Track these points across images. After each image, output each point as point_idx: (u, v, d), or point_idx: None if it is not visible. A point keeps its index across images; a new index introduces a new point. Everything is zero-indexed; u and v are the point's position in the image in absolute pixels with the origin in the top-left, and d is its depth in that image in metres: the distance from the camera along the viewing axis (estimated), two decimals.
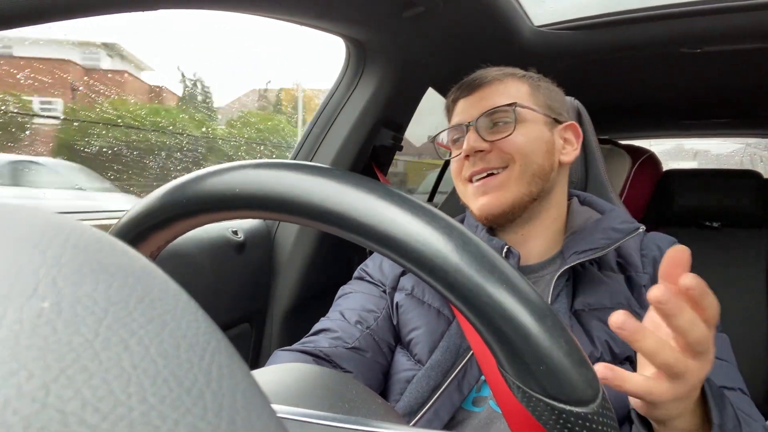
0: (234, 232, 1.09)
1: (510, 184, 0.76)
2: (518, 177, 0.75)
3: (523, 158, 0.76)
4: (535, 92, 0.80)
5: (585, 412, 0.26)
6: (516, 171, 0.75)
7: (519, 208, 0.77)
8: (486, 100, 0.79)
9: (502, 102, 0.77)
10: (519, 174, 0.75)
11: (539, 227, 0.80)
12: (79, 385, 0.11)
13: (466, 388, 0.71)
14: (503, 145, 0.76)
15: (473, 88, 0.81)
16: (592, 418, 0.26)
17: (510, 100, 0.77)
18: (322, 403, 0.37)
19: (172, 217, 0.34)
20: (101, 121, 2.09)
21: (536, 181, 0.77)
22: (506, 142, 0.75)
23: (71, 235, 0.15)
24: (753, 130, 2.19)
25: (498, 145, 0.76)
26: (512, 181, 0.76)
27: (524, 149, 0.76)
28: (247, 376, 0.14)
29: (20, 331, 0.11)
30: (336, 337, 0.75)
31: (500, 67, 0.83)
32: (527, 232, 0.80)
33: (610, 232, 0.74)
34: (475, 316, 0.26)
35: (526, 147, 0.76)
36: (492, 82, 0.80)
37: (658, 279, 0.74)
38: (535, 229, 0.80)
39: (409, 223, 0.26)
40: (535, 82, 0.82)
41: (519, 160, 0.75)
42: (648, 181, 1.76)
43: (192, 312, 0.14)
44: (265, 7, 0.81)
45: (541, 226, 0.80)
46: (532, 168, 0.76)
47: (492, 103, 0.78)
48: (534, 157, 0.76)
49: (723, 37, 1.18)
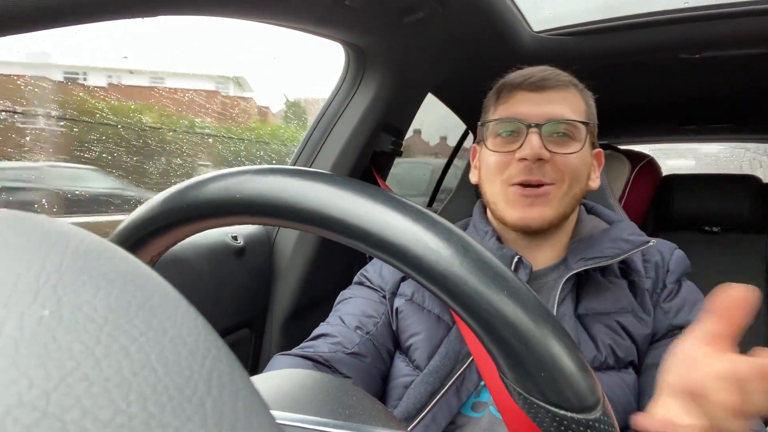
0: (233, 237, 1.08)
1: (554, 203, 0.74)
2: (562, 197, 0.74)
3: (572, 179, 0.74)
4: (588, 112, 0.78)
5: (586, 419, 0.26)
6: (563, 190, 0.74)
7: (553, 226, 0.76)
8: (553, 104, 0.74)
9: (567, 113, 0.74)
10: (564, 194, 0.74)
11: (553, 239, 0.80)
12: (79, 394, 0.11)
13: (465, 394, 0.71)
14: (562, 161, 0.73)
15: (540, 86, 0.75)
16: (593, 425, 0.26)
17: (573, 114, 0.75)
18: (323, 409, 0.37)
19: (171, 223, 0.34)
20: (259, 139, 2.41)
21: (573, 204, 0.76)
22: (566, 158, 0.73)
23: (71, 242, 0.15)
24: (752, 135, 2.19)
25: (556, 158, 0.73)
26: (557, 200, 0.74)
27: (577, 171, 0.74)
28: (247, 383, 0.14)
29: (20, 339, 0.11)
30: (336, 342, 0.75)
31: (563, 72, 0.79)
32: (540, 244, 0.79)
33: (620, 243, 0.75)
34: (475, 323, 0.26)
35: (579, 169, 0.74)
36: (558, 87, 0.76)
37: (659, 283, 0.75)
38: (548, 241, 0.80)
39: (409, 229, 0.26)
40: (589, 100, 0.79)
41: (568, 181, 0.74)
42: (647, 185, 1.75)
43: (192, 319, 0.14)
44: (265, 13, 0.81)
45: (554, 239, 0.80)
46: (575, 191, 0.75)
47: (560, 111, 0.74)
48: (581, 179, 0.75)
49: (722, 43, 1.19)
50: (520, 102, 0.76)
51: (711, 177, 1.81)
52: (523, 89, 0.76)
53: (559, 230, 0.79)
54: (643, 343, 0.72)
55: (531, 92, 0.75)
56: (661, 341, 0.73)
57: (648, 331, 0.72)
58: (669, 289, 0.75)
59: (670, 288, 0.75)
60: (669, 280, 0.76)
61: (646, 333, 0.72)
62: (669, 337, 0.72)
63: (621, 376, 0.70)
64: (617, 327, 0.71)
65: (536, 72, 0.77)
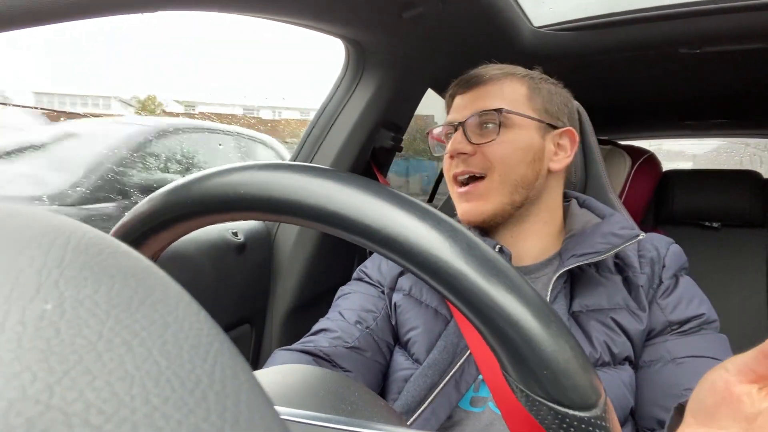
0: (234, 233, 1.08)
1: (490, 194, 0.75)
2: (498, 187, 0.75)
3: (502, 167, 0.75)
4: (533, 95, 0.79)
5: (588, 416, 0.26)
6: (495, 181, 0.75)
7: (501, 216, 0.77)
8: (480, 99, 0.78)
9: (495, 104, 0.76)
10: (498, 184, 0.75)
11: (529, 230, 0.80)
12: (82, 387, 0.11)
13: (464, 387, 0.71)
14: (485, 151, 0.75)
15: (470, 85, 0.80)
16: (595, 423, 0.26)
17: (503, 103, 0.76)
18: (324, 404, 0.37)
19: (173, 218, 0.34)
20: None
21: (519, 191, 0.76)
22: (488, 147, 0.75)
23: (72, 237, 0.15)
24: (753, 130, 2.19)
25: (481, 149, 0.75)
26: (492, 192, 0.75)
27: (505, 159, 0.75)
28: (250, 377, 0.14)
29: (23, 333, 0.11)
30: (336, 336, 0.76)
31: (502, 65, 0.82)
32: (517, 234, 0.80)
33: (610, 237, 0.74)
34: (479, 320, 0.26)
35: (508, 156, 0.75)
36: (489, 81, 0.79)
37: (655, 279, 0.74)
38: (524, 232, 0.80)
39: (412, 225, 0.26)
40: (535, 84, 0.80)
41: (498, 169, 0.75)
42: (648, 181, 1.75)
43: (194, 313, 0.14)
44: (264, 8, 0.81)
45: (531, 229, 0.80)
46: (512, 178, 0.75)
47: (485, 104, 0.77)
48: (516, 167, 0.75)
49: (723, 38, 1.18)
50: (455, 106, 0.81)
51: (711, 172, 1.81)
52: (457, 94, 0.82)
53: (529, 219, 0.79)
54: (638, 338, 0.72)
55: (462, 94, 0.81)
56: (658, 337, 0.72)
57: (642, 327, 0.72)
58: (665, 285, 0.75)
59: (667, 284, 0.75)
60: (665, 275, 0.76)
61: (641, 329, 0.71)
62: (666, 333, 0.72)
63: (617, 373, 0.70)
64: (612, 323, 0.71)
65: (472, 72, 0.81)
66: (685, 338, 0.71)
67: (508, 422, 0.63)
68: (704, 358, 0.68)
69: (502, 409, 0.63)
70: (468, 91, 0.80)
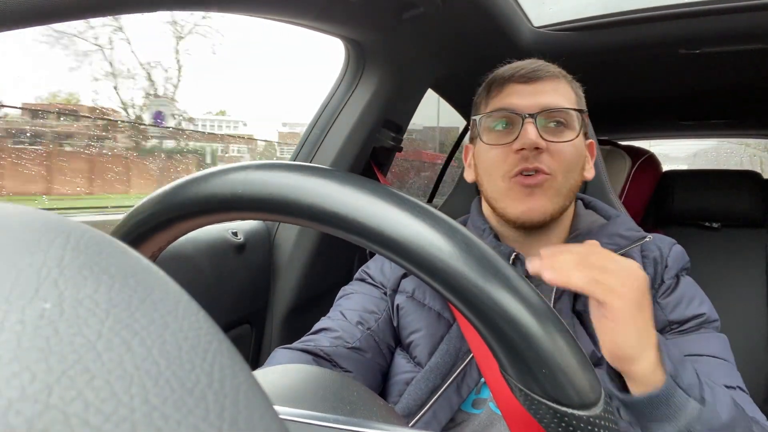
0: (234, 233, 1.08)
1: (552, 193, 0.73)
2: (560, 187, 0.73)
3: (568, 168, 0.73)
4: (579, 102, 0.78)
5: (587, 415, 0.26)
6: (560, 180, 0.73)
7: (553, 218, 0.75)
8: (544, 95, 0.74)
9: (560, 103, 0.74)
10: (561, 184, 0.73)
11: (550, 235, 0.79)
12: (81, 386, 0.11)
13: (465, 391, 0.71)
14: (557, 150, 0.72)
15: (531, 78, 0.75)
16: (595, 422, 0.26)
17: (568, 103, 0.74)
18: (324, 404, 0.37)
19: (172, 218, 0.34)
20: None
21: (570, 195, 0.75)
22: (562, 147, 0.72)
23: (72, 236, 0.15)
24: (753, 130, 2.19)
25: (552, 147, 0.72)
26: (554, 190, 0.73)
27: (573, 160, 0.74)
28: (249, 376, 0.14)
29: (22, 333, 0.11)
30: (337, 336, 0.75)
31: (552, 64, 0.79)
32: (538, 239, 0.78)
33: (616, 238, 0.74)
34: (477, 319, 0.26)
35: (574, 158, 0.74)
36: (551, 78, 0.76)
37: (657, 279, 0.75)
38: (546, 236, 0.79)
39: (411, 225, 0.26)
40: (578, 91, 0.79)
41: (565, 170, 0.73)
42: (648, 181, 1.76)
43: (193, 313, 0.14)
44: (264, 8, 0.81)
45: (552, 234, 0.79)
46: (570, 182, 0.74)
47: (553, 100, 0.73)
48: (574, 170, 0.75)
49: (722, 39, 1.18)
50: (512, 94, 0.75)
51: (711, 173, 1.81)
52: (513, 82, 0.76)
53: (557, 225, 0.79)
54: None
55: (522, 84, 0.75)
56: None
57: None
58: (666, 285, 0.75)
59: (668, 284, 0.75)
60: (667, 275, 0.76)
61: None
62: (666, 333, 0.72)
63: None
64: None
65: (526, 65, 0.77)
66: (684, 337, 0.71)
67: (508, 423, 0.63)
68: (704, 356, 0.68)
69: (502, 410, 0.63)
70: (528, 84, 0.75)
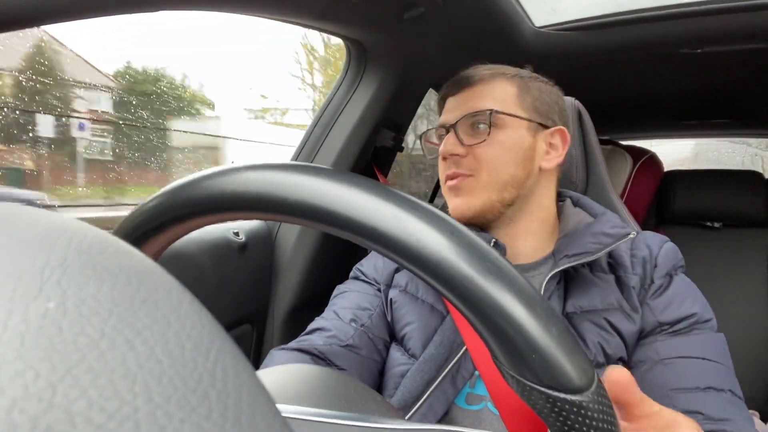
0: (235, 233, 1.09)
1: (477, 191, 0.76)
2: (485, 185, 0.76)
3: (491, 167, 0.75)
4: (522, 94, 0.79)
5: (579, 400, 0.26)
6: (482, 180, 0.76)
7: (491, 213, 0.77)
8: (471, 101, 0.78)
9: (485, 105, 0.76)
10: (486, 182, 0.76)
11: (523, 229, 0.80)
12: (85, 385, 0.11)
13: (460, 383, 0.72)
14: (476, 152, 0.76)
15: (461, 86, 0.80)
16: (587, 406, 0.26)
17: (493, 103, 0.76)
18: (322, 402, 0.37)
19: (175, 218, 0.34)
20: None
21: (508, 189, 0.76)
22: (479, 148, 0.76)
23: (75, 236, 0.15)
24: (754, 130, 2.19)
25: (472, 150, 0.76)
26: (479, 189, 0.76)
27: (495, 159, 0.76)
28: (251, 375, 0.14)
29: (26, 332, 0.11)
30: (330, 335, 0.76)
31: (491, 65, 0.82)
32: (512, 232, 0.80)
33: (601, 237, 0.74)
34: (465, 307, 0.26)
35: (498, 156, 0.76)
36: (478, 82, 0.79)
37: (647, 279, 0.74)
38: (518, 230, 0.79)
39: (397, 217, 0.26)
40: (525, 83, 0.80)
41: (487, 169, 0.75)
42: (649, 181, 1.75)
43: (196, 312, 0.14)
44: (265, 8, 0.81)
45: (525, 228, 0.80)
46: (502, 177, 0.76)
47: (476, 105, 0.77)
48: (506, 166, 0.76)
49: (723, 38, 1.18)
50: (447, 108, 0.82)
51: (713, 173, 1.81)
52: (448, 95, 0.83)
53: (522, 218, 0.79)
54: (632, 339, 0.71)
55: (453, 95, 0.81)
56: (647, 338, 0.72)
57: (635, 328, 0.71)
58: (657, 285, 0.74)
59: (659, 283, 0.74)
60: (657, 275, 0.75)
61: (634, 329, 0.71)
62: (656, 334, 0.71)
63: None
64: (605, 324, 0.71)
65: (464, 73, 0.82)
66: (675, 339, 0.70)
67: (503, 417, 0.63)
68: (692, 358, 0.67)
69: (497, 403, 0.63)
70: (459, 93, 0.80)
